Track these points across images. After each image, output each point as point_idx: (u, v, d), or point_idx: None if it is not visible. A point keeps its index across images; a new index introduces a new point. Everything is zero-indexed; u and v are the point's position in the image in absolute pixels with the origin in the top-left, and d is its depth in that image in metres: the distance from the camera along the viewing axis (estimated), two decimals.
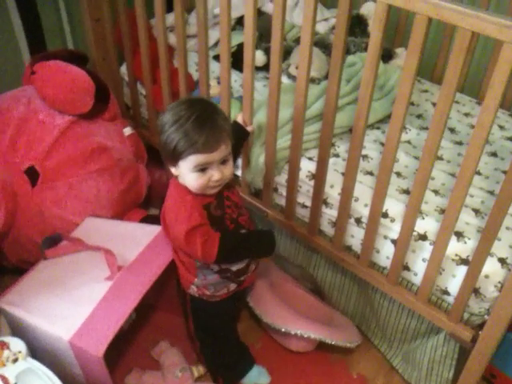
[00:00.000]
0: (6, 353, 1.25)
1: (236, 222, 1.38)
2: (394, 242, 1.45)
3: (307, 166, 1.61)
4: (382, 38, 1.13)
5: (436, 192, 1.52)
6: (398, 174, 1.58)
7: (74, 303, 1.34)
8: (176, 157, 1.22)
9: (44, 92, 1.67)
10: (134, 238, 1.53)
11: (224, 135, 1.22)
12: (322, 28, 2.14)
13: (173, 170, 1.28)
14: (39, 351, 1.33)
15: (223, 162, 1.25)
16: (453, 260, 1.36)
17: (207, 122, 1.19)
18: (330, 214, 1.59)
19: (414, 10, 1.04)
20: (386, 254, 1.49)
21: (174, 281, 1.60)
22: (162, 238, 1.50)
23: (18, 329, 1.40)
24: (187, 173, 1.24)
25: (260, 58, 1.95)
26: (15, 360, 1.24)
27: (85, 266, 1.45)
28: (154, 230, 1.55)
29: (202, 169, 1.23)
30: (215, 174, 1.24)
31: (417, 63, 1.10)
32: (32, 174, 1.62)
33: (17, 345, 1.27)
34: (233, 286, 1.46)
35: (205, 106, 1.25)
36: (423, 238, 1.41)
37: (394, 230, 1.45)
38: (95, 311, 1.30)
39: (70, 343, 1.25)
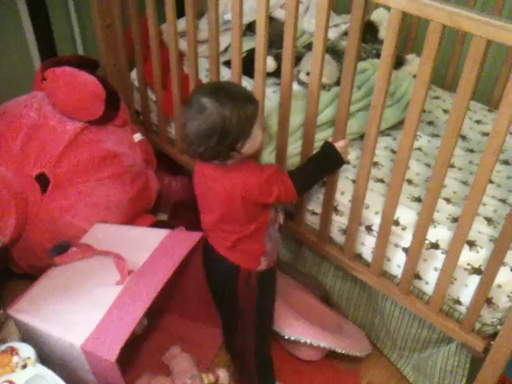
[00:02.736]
0: (15, 359, 1.25)
1: None
2: (405, 250, 1.44)
3: None
4: (396, 45, 1.12)
5: (448, 200, 1.51)
6: (410, 182, 1.57)
7: (85, 309, 1.33)
8: (250, 126, 1.29)
9: (55, 98, 1.67)
10: (143, 242, 1.53)
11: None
12: (332, 34, 2.13)
13: (243, 149, 1.30)
14: (51, 358, 1.33)
15: None
16: (465, 269, 1.35)
17: (234, 87, 1.33)
18: (340, 221, 1.58)
19: (429, 17, 1.03)
20: (397, 262, 1.48)
21: (183, 285, 1.60)
22: (171, 241, 1.49)
23: (28, 335, 1.40)
24: (259, 133, 1.32)
25: (270, 63, 1.94)
26: (24, 366, 1.24)
27: (94, 272, 1.45)
28: (162, 233, 1.55)
29: None
30: None
31: (431, 71, 1.09)
32: (42, 181, 1.62)
33: (26, 351, 1.27)
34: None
35: (218, 82, 1.48)
36: (435, 246, 1.39)
37: (405, 238, 1.44)
38: (107, 316, 1.29)
39: (82, 349, 1.24)
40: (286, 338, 1.62)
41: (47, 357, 1.32)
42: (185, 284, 1.62)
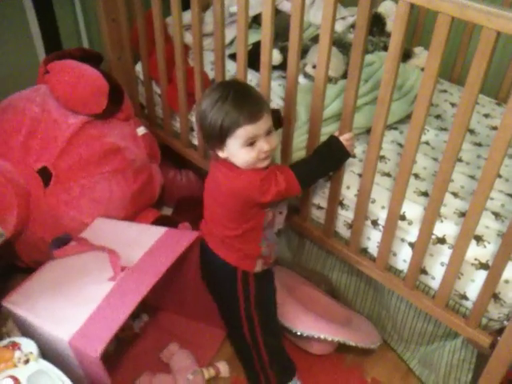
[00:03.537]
0: (17, 354, 1.24)
1: None
2: (411, 245, 1.43)
3: None
4: (404, 38, 1.10)
5: (455, 194, 1.49)
6: (416, 176, 1.55)
7: (76, 304, 1.32)
8: (223, 136, 1.25)
9: (57, 92, 1.66)
10: (140, 240, 1.52)
11: (264, 105, 1.27)
12: (339, 27, 2.11)
13: (220, 153, 1.30)
14: (44, 352, 1.32)
15: (268, 133, 1.28)
16: (472, 264, 1.34)
17: (246, 95, 1.26)
18: (345, 215, 1.57)
19: (438, 9, 1.01)
20: (403, 257, 1.47)
21: (182, 284, 1.60)
22: (167, 240, 1.49)
23: (22, 328, 1.40)
24: (237, 150, 1.26)
25: (276, 56, 1.93)
26: (27, 361, 1.23)
27: (90, 267, 1.44)
28: (160, 231, 1.54)
29: (252, 143, 1.26)
30: (264, 145, 1.27)
31: (439, 63, 1.07)
32: (45, 175, 1.61)
33: (28, 346, 1.27)
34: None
35: (238, 82, 1.34)
36: (442, 241, 1.38)
37: (411, 232, 1.43)
38: (96, 312, 1.28)
39: (69, 344, 1.23)
40: (299, 334, 1.60)
41: (42, 351, 1.31)
42: (184, 283, 1.62)
